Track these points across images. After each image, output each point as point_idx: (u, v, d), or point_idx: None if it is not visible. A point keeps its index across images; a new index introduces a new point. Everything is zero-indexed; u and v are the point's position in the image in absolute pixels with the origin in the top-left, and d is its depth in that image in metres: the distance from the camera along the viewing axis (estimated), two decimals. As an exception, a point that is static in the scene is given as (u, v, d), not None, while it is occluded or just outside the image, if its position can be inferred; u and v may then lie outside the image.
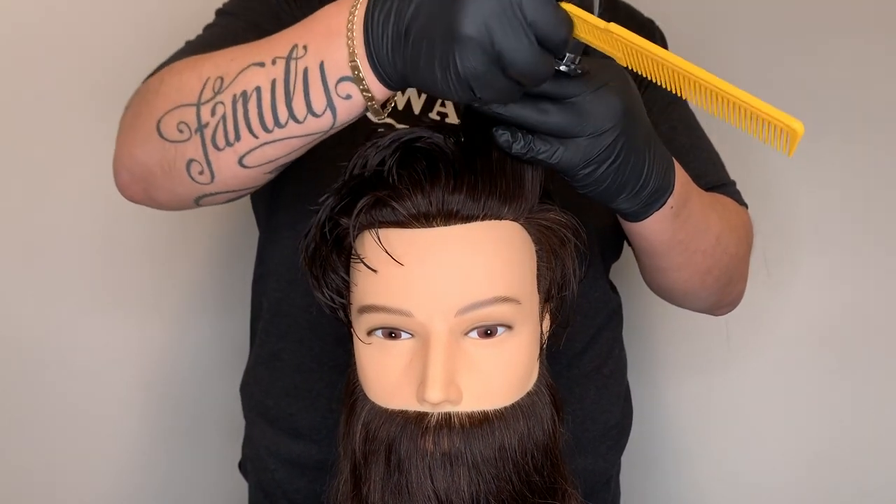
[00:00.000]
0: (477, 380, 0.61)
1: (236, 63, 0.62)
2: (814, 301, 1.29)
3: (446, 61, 0.53)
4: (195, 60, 0.67)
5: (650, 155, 0.65)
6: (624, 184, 0.64)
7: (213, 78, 0.63)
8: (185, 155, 0.64)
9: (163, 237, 1.25)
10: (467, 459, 0.59)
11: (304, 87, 0.59)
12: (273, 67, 0.60)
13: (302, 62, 0.59)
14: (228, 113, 0.61)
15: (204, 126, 0.62)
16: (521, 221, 0.64)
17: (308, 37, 0.59)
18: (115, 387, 1.27)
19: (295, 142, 0.62)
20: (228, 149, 0.62)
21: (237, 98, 0.61)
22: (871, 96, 1.25)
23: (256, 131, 0.61)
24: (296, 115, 0.60)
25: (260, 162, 0.63)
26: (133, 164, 0.69)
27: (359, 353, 0.65)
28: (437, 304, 0.60)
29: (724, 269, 0.82)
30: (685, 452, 1.35)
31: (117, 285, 1.25)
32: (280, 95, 0.60)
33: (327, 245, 0.64)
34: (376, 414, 0.63)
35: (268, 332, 0.94)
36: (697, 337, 1.31)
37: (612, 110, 0.60)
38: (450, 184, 0.61)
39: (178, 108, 0.64)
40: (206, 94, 0.62)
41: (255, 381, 0.96)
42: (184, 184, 0.66)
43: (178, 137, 0.64)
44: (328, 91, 0.59)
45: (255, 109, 0.60)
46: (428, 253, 0.60)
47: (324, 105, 0.59)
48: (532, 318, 0.64)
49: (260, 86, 0.60)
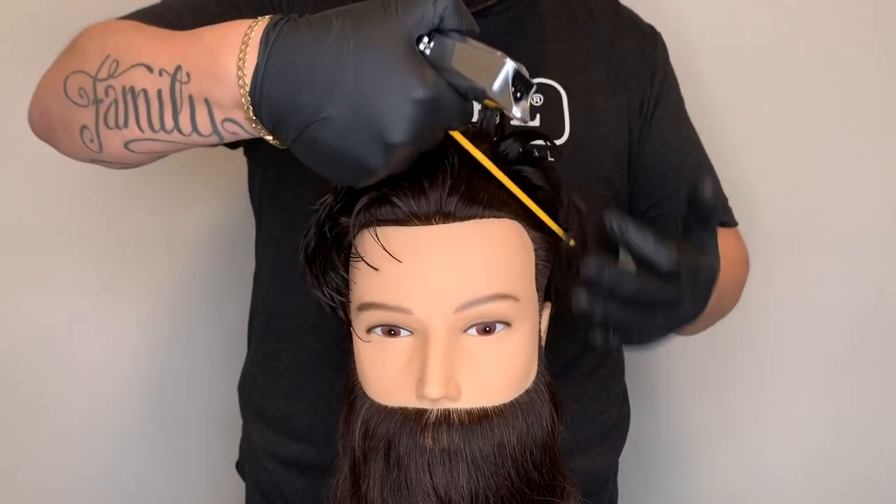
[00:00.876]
0: (476, 377, 0.61)
1: (132, 53, 0.60)
2: (813, 302, 1.29)
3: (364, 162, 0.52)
4: (112, 29, 0.66)
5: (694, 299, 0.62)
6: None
7: (111, 58, 0.61)
8: (80, 119, 0.63)
9: (161, 235, 1.26)
10: (466, 456, 0.59)
11: (191, 111, 0.57)
12: (160, 78, 0.58)
13: (186, 88, 0.57)
14: (119, 100, 0.60)
15: (99, 101, 0.61)
16: (519, 220, 0.64)
17: (193, 65, 0.57)
18: (111, 386, 1.27)
19: (181, 146, 0.61)
20: (116, 131, 0.61)
21: (126, 90, 0.59)
22: (870, 96, 1.25)
23: (143, 127, 0.60)
24: (181, 130, 0.59)
25: (145, 151, 0.62)
26: (42, 108, 0.69)
27: (358, 350, 0.65)
28: (436, 300, 0.60)
29: (723, 308, 0.88)
30: (682, 454, 1.35)
31: (114, 284, 1.26)
32: (167, 107, 0.58)
33: (327, 244, 0.65)
34: (375, 411, 0.63)
35: (263, 334, 0.94)
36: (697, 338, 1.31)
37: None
38: (448, 182, 0.61)
39: (80, 73, 0.63)
40: (102, 72, 0.61)
41: (252, 382, 0.96)
42: (77, 144, 0.65)
43: (79, 101, 0.63)
44: (214, 123, 0.58)
45: (143, 108, 0.59)
46: (427, 250, 0.60)
47: (210, 131, 0.58)
48: (531, 316, 0.64)
49: (147, 89, 0.59)
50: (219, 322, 1.29)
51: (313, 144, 0.53)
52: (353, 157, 0.52)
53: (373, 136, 0.50)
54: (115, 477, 1.29)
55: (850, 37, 1.24)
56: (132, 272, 1.26)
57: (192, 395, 1.30)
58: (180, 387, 1.30)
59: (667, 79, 0.96)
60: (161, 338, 1.29)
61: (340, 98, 0.50)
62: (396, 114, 0.50)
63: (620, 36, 0.95)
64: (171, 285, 1.28)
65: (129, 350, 1.28)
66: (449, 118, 0.53)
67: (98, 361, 1.27)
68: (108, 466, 1.29)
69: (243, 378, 0.99)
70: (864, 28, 1.24)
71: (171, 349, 1.29)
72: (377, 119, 0.50)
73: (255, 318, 0.97)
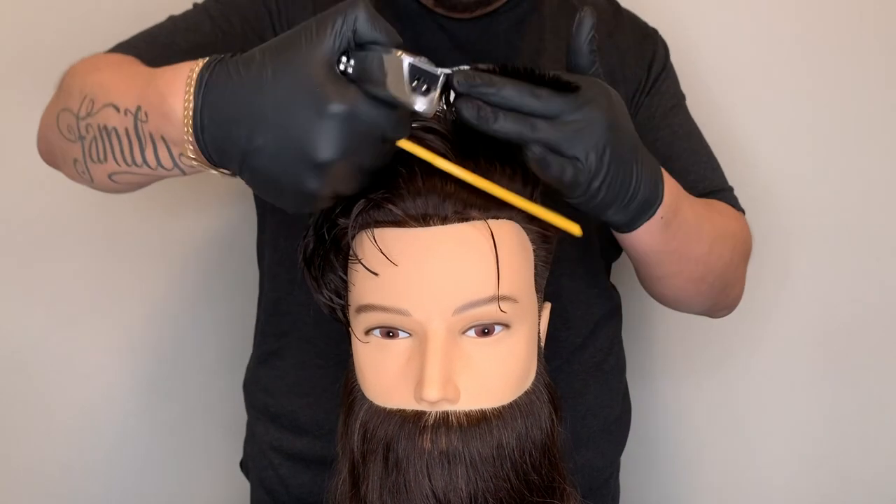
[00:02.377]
0: (474, 378, 0.61)
1: (104, 92, 0.64)
2: (813, 301, 1.29)
3: (301, 186, 0.54)
4: (91, 68, 0.71)
5: (637, 167, 0.65)
6: (613, 197, 0.64)
7: (87, 97, 0.65)
8: (72, 153, 0.68)
9: (164, 234, 1.26)
10: (465, 458, 0.59)
11: (153, 147, 0.61)
12: (125, 118, 0.62)
13: (146, 127, 0.61)
14: (97, 137, 0.64)
15: (82, 138, 0.66)
16: (518, 221, 0.64)
17: (148, 104, 0.60)
18: (115, 385, 1.27)
19: (156, 178, 0.66)
20: (100, 164, 0.66)
21: (101, 128, 0.64)
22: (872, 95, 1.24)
23: (119, 162, 0.64)
24: (149, 164, 0.63)
25: (127, 182, 0.67)
26: (44, 140, 0.76)
27: (357, 352, 0.65)
28: (434, 302, 0.60)
29: (719, 275, 0.83)
30: (684, 452, 1.36)
31: (117, 282, 1.26)
32: (134, 145, 0.62)
33: (325, 246, 0.65)
34: (374, 413, 0.63)
35: (265, 332, 0.95)
36: (697, 337, 1.31)
37: (598, 127, 0.60)
38: (446, 184, 0.61)
39: (66, 112, 0.68)
40: (81, 111, 0.66)
41: (256, 379, 0.97)
42: (74, 176, 0.71)
43: (68, 136, 0.68)
44: (174, 158, 0.61)
45: (116, 145, 0.63)
46: (425, 252, 0.60)
47: (171, 165, 0.62)
48: (530, 317, 0.64)
49: (116, 128, 0.63)
50: (222, 322, 1.29)
51: (253, 175, 0.56)
52: (289, 182, 0.54)
53: (300, 157, 0.52)
54: (118, 476, 1.29)
55: (852, 36, 1.24)
56: (135, 269, 1.26)
57: (195, 395, 1.30)
58: (184, 387, 1.30)
59: (663, 73, 0.96)
60: (165, 337, 1.29)
61: (264, 126, 0.53)
62: (315, 132, 0.52)
63: (620, 34, 0.95)
64: (174, 285, 1.28)
65: (133, 349, 1.28)
66: (377, 127, 0.53)
67: (101, 362, 1.27)
68: (112, 466, 1.29)
69: (248, 376, 1.00)
70: (866, 27, 1.23)
71: (174, 349, 1.29)
72: (299, 140, 0.52)
73: (260, 315, 0.98)
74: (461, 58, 0.89)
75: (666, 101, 0.95)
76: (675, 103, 0.96)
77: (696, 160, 0.93)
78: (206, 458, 1.31)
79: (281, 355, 0.93)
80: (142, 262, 1.26)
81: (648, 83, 0.94)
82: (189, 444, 1.32)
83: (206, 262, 1.29)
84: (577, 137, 0.59)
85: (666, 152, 0.91)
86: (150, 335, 1.28)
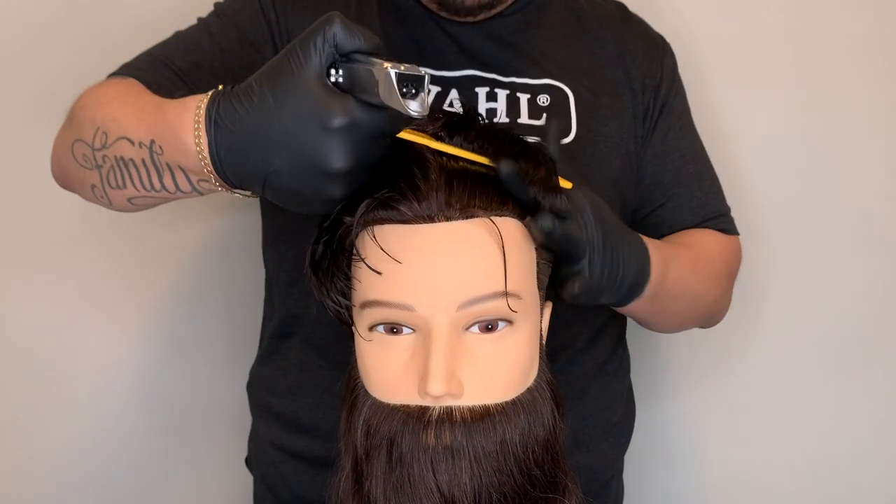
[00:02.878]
0: (478, 374, 0.61)
1: (116, 126, 0.67)
2: (815, 303, 1.29)
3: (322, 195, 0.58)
4: (99, 101, 0.74)
5: (623, 257, 0.71)
6: (603, 289, 0.70)
7: (100, 130, 0.69)
8: (89, 180, 0.71)
9: (169, 235, 1.26)
10: (469, 453, 0.60)
11: (171, 175, 0.65)
12: (140, 150, 0.65)
13: (162, 158, 0.64)
14: (114, 166, 0.68)
15: (99, 166, 0.69)
16: (521, 218, 0.64)
17: (162, 138, 0.63)
18: (121, 383, 1.27)
19: (176, 198, 0.68)
20: (119, 190, 0.69)
21: (118, 159, 0.67)
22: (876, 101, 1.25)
23: (138, 188, 0.67)
24: (167, 189, 0.66)
25: (147, 205, 0.71)
26: (59, 166, 0.79)
27: (360, 348, 0.65)
28: (438, 298, 0.60)
29: (703, 312, 0.92)
30: (688, 453, 1.36)
31: (123, 282, 1.26)
32: (152, 172, 0.65)
33: (332, 246, 0.65)
34: (378, 409, 0.63)
35: (270, 331, 0.95)
36: (700, 339, 1.31)
37: (588, 231, 0.68)
38: (451, 180, 0.61)
39: (81, 142, 0.71)
40: (96, 143, 0.69)
41: (260, 377, 0.97)
42: (92, 199, 0.74)
43: (84, 164, 0.71)
44: (192, 185, 0.65)
45: (134, 173, 0.66)
46: (429, 248, 0.61)
47: (189, 189, 0.65)
48: (532, 314, 0.65)
49: (133, 159, 0.66)
50: (228, 322, 1.29)
51: (276, 193, 0.59)
52: (312, 194, 0.58)
53: (317, 171, 0.56)
54: (124, 474, 1.29)
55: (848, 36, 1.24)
56: (141, 269, 1.26)
57: (201, 392, 1.30)
58: (190, 384, 1.30)
59: (673, 88, 0.97)
60: (171, 335, 1.29)
61: (277, 150, 0.56)
62: (326, 146, 0.55)
63: (629, 41, 0.96)
64: (180, 282, 1.28)
65: (139, 348, 1.28)
66: (378, 130, 0.57)
67: (106, 363, 1.27)
68: (117, 464, 1.29)
69: (252, 374, 1.00)
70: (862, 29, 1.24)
71: (180, 347, 1.29)
72: (312, 156, 0.55)
73: (265, 316, 1.00)
74: (466, 61, 0.90)
75: (675, 121, 0.97)
76: (682, 123, 0.98)
77: (699, 185, 0.96)
78: (212, 456, 1.31)
79: (284, 355, 0.93)
80: (148, 262, 1.26)
81: (658, 102, 0.96)
82: (195, 440, 1.32)
83: (214, 264, 1.29)
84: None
85: (674, 176, 0.95)
86: (158, 333, 1.28)
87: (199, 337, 1.30)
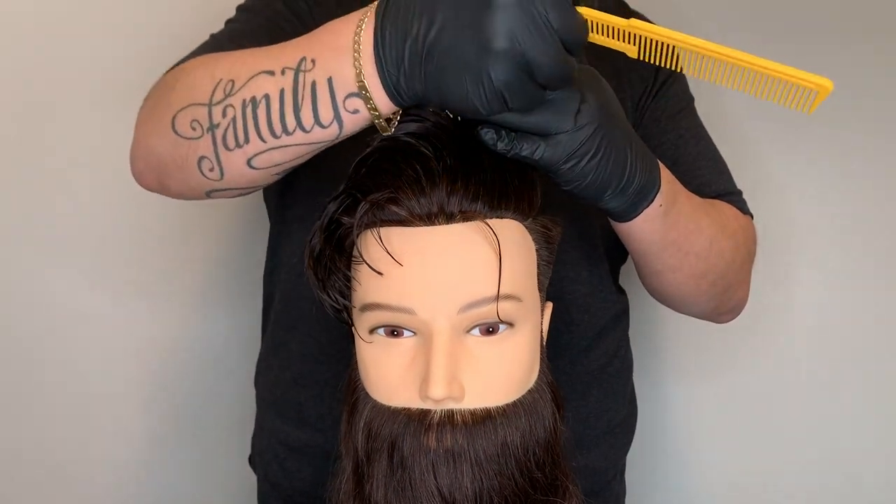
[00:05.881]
0: (479, 377, 0.61)
1: (247, 68, 0.64)
2: (818, 304, 1.30)
3: (479, 77, 0.55)
4: (210, 59, 0.69)
5: (632, 151, 0.66)
6: (608, 179, 0.65)
7: (224, 80, 0.64)
8: (197, 151, 0.66)
9: (173, 231, 1.26)
10: (470, 456, 0.60)
11: (313, 100, 0.61)
12: (282, 77, 0.61)
13: (310, 75, 0.60)
14: (238, 116, 0.63)
15: (215, 126, 0.64)
16: (521, 220, 0.64)
17: (316, 49, 0.61)
18: (125, 381, 1.28)
19: (302, 148, 0.64)
20: (238, 150, 0.64)
21: (247, 103, 0.62)
22: (870, 98, 1.25)
23: (265, 136, 0.62)
24: (303, 125, 0.62)
25: (267, 164, 0.65)
26: (148, 154, 0.72)
27: (360, 351, 0.65)
28: (439, 301, 0.60)
29: (721, 274, 0.82)
30: (690, 453, 1.36)
31: (128, 279, 1.26)
32: (288, 105, 0.61)
33: (331, 246, 0.65)
34: (379, 412, 0.63)
35: (277, 322, 0.95)
36: (703, 340, 1.31)
37: (587, 106, 0.62)
38: (451, 183, 0.61)
39: (191, 107, 0.66)
40: (217, 96, 0.64)
41: (264, 370, 0.97)
42: (195, 178, 0.68)
43: (191, 134, 0.65)
44: (336, 105, 0.60)
45: (264, 116, 0.62)
46: (430, 251, 0.61)
47: (331, 118, 0.61)
48: (533, 316, 0.65)
49: (269, 93, 0.62)
50: (233, 318, 1.29)
51: (434, 64, 0.56)
52: (471, 75, 0.55)
53: (478, 48, 0.54)
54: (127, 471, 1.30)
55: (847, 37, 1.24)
56: (145, 266, 1.27)
57: (205, 390, 1.31)
58: (194, 382, 1.30)
59: (672, 75, 0.96)
60: (174, 334, 1.29)
61: (441, 17, 0.55)
62: (487, 22, 0.53)
63: None
64: (184, 280, 1.29)
65: (143, 346, 1.28)
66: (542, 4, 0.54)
67: (111, 356, 1.27)
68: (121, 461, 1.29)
69: (257, 367, 1.00)
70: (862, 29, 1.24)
71: (184, 345, 1.29)
72: (474, 31, 0.54)
73: (270, 308, 0.99)
74: None
75: (673, 105, 0.95)
76: (682, 107, 0.96)
77: (702, 164, 0.93)
78: (216, 453, 1.31)
79: (289, 346, 0.93)
80: (152, 258, 1.26)
81: (655, 86, 0.94)
82: (199, 438, 1.32)
83: (219, 260, 1.29)
84: (565, 117, 0.61)
85: (672, 155, 0.91)
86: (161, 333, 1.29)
87: (204, 336, 1.30)
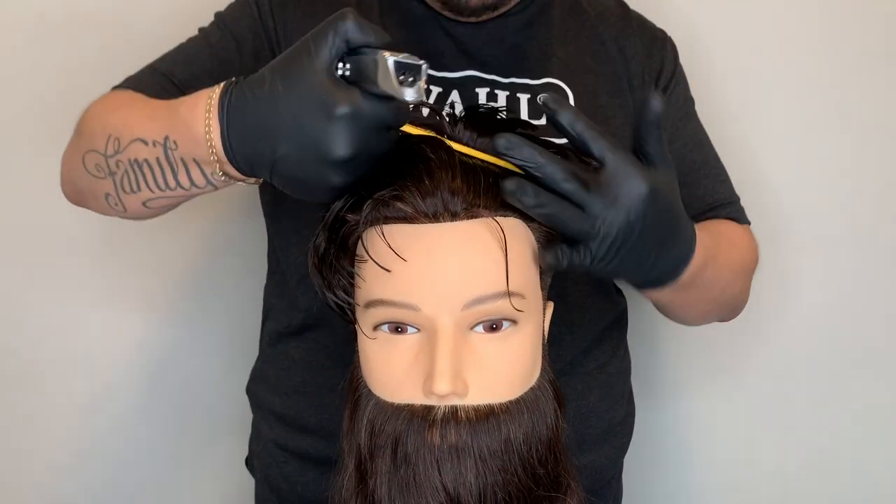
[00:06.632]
0: (482, 374, 0.61)
1: (128, 131, 0.70)
2: (818, 304, 1.30)
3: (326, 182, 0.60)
4: (108, 109, 0.77)
5: (660, 253, 0.65)
6: (621, 273, 0.66)
7: (112, 137, 0.71)
8: (103, 189, 0.74)
9: (170, 236, 1.25)
10: (474, 452, 0.60)
11: (185, 170, 0.67)
12: (154, 148, 0.68)
13: (177, 154, 0.66)
14: (128, 170, 0.70)
15: (113, 173, 0.72)
16: (525, 219, 0.65)
17: (178, 132, 0.66)
18: (121, 384, 1.27)
19: (189, 196, 0.71)
20: (133, 194, 0.71)
21: (132, 162, 0.70)
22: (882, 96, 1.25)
23: (152, 188, 0.70)
24: (182, 185, 0.68)
25: (162, 206, 0.73)
26: (70, 182, 0.81)
27: (364, 348, 0.65)
28: (443, 298, 0.60)
29: (727, 305, 0.89)
30: (687, 454, 1.36)
31: (124, 282, 1.26)
32: (166, 171, 0.68)
33: (336, 244, 0.65)
34: (382, 409, 0.63)
35: (274, 330, 0.95)
36: (702, 340, 1.31)
37: (619, 221, 0.61)
38: (455, 180, 0.62)
39: (93, 152, 0.73)
40: (109, 150, 0.71)
41: (263, 378, 0.97)
42: (106, 209, 0.76)
43: (97, 174, 0.73)
44: (206, 176, 0.67)
45: (149, 174, 0.69)
46: (435, 248, 0.61)
47: (204, 182, 0.68)
48: (536, 314, 0.65)
49: (147, 159, 0.68)
50: (229, 321, 1.29)
51: (282, 180, 0.61)
52: (315, 181, 0.60)
53: (320, 158, 0.58)
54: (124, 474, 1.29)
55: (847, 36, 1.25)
56: (142, 270, 1.26)
57: (201, 393, 1.30)
58: (190, 385, 1.30)
59: (673, 79, 0.97)
60: (170, 336, 1.29)
61: (284, 137, 0.59)
62: (329, 133, 0.57)
63: (628, 38, 0.96)
64: (180, 283, 1.28)
65: (139, 348, 1.28)
66: (381, 120, 0.58)
67: (108, 359, 1.27)
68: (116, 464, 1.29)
69: (254, 375, 1.00)
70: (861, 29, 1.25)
71: (180, 348, 1.29)
72: (316, 143, 0.58)
73: (269, 317, 0.99)
74: (466, 62, 0.90)
75: (675, 112, 0.96)
76: (685, 112, 0.98)
77: (705, 173, 0.95)
78: (212, 455, 1.31)
79: (288, 354, 0.93)
80: (148, 262, 1.26)
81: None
82: (195, 441, 1.32)
83: (214, 263, 1.29)
84: (597, 232, 0.61)
85: (677, 167, 0.92)
86: (159, 334, 1.28)
87: (200, 338, 1.30)
